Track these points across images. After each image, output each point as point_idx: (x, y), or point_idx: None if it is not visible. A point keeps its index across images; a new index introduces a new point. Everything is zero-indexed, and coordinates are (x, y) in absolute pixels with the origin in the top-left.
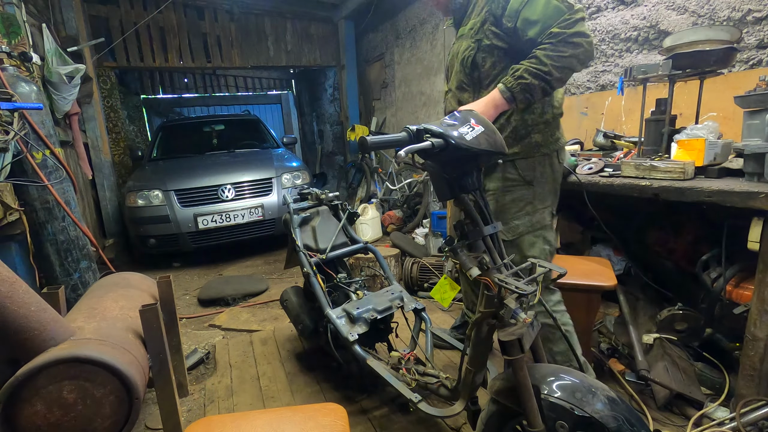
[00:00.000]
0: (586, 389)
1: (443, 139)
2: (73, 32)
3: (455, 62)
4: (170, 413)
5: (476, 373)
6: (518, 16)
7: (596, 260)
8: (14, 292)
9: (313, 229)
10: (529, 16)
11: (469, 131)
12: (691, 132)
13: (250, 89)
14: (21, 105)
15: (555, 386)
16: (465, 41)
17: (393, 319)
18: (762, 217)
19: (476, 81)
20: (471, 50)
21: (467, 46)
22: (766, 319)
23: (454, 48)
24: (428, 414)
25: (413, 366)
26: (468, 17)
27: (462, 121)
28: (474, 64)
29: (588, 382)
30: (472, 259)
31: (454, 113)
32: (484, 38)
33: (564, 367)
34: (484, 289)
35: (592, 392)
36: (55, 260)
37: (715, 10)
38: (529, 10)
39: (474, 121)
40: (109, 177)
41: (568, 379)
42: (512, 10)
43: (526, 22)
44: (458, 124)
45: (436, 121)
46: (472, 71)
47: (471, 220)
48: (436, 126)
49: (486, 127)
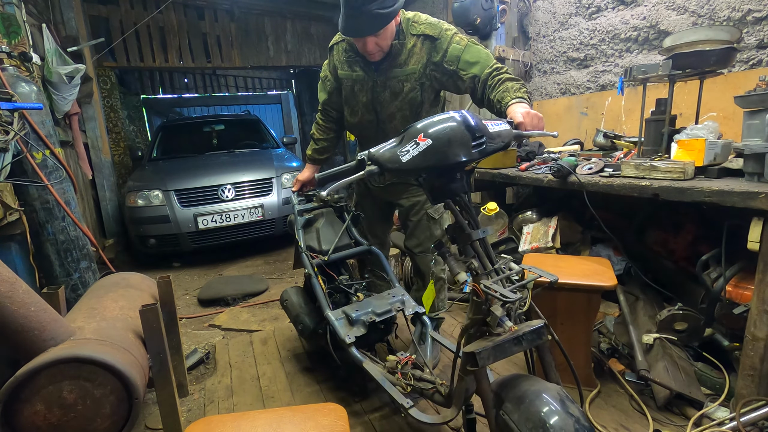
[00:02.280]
0: (549, 421)
1: (377, 164)
2: (73, 32)
3: (390, 99)
4: (170, 413)
5: (467, 379)
6: (459, 60)
7: (596, 260)
8: (14, 292)
9: (317, 230)
10: (469, 59)
11: (411, 149)
12: (691, 132)
13: (250, 89)
14: (21, 105)
15: (516, 407)
16: (406, 83)
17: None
18: (762, 217)
19: (416, 114)
20: (416, 92)
21: (411, 87)
22: (766, 319)
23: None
24: (418, 420)
25: (410, 370)
26: (399, 65)
27: (408, 138)
28: (421, 102)
29: (561, 411)
30: (460, 265)
31: (407, 129)
32: (426, 81)
33: (549, 387)
34: (473, 295)
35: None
36: (55, 260)
37: (715, 10)
38: (468, 54)
39: (423, 135)
40: (109, 177)
41: (537, 404)
42: (453, 56)
43: (466, 63)
44: (402, 143)
45: (388, 142)
46: (419, 107)
47: (458, 225)
48: (376, 150)
49: (436, 140)
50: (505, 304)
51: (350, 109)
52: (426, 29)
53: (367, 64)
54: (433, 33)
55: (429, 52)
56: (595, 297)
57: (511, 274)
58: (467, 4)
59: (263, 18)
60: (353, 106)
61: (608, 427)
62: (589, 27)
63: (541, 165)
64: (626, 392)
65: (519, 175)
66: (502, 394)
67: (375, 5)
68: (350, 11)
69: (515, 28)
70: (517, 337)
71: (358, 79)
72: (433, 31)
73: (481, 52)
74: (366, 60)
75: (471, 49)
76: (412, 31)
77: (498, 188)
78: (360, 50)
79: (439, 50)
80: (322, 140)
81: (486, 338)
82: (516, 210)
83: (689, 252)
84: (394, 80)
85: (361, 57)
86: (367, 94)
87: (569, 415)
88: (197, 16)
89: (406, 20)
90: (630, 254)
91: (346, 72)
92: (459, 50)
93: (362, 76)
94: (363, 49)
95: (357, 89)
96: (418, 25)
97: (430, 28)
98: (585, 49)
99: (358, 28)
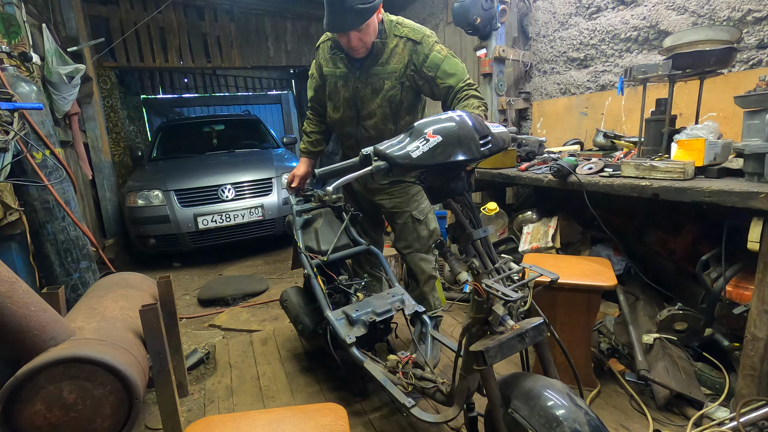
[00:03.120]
0: (559, 414)
1: (386, 160)
2: (73, 32)
3: (371, 96)
4: (170, 413)
5: (469, 378)
6: (438, 68)
7: (596, 260)
8: (14, 292)
9: (316, 230)
10: (447, 69)
11: (421, 145)
12: (691, 132)
13: (250, 89)
14: (21, 105)
15: (525, 404)
16: (387, 81)
17: (393, 320)
18: (762, 217)
19: (396, 113)
20: (396, 90)
21: (392, 85)
22: (766, 319)
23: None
24: (420, 420)
25: (411, 370)
26: (381, 63)
27: (416, 135)
28: (400, 101)
29: (569, 404)
30: (461, 264)
31: (412, 127)
32: (406, 81)
33: (553, 383)
34: (474, 294)
35: (564, 419)
36: (55, 260)
37: (715, 10)
38: (447, 65)
39: (432, 131)
40: (109, 177)
41: (544, 400)
42: (433, 63)
43: (444, 73)
44: (411, 139)
45: (393, 138)
46: (398, 106)
47: (459, 224)
48: (384, 146)
49: (446, 137)
50: (506, 303)
51: (333, 104)
52: (409, 33)
53: (350, 62)
54: (416, 37)
55: (410, 54)
56: (595, 297)
57: (512, 273)
58: (467, 4)
59: (263, 18)
60: (336, 102)
61: (608, 427)
62: (589, 27)
63: (541, 165)
64: (626, 392)
65: (519, 175)
66: (508, 392)
67: (356, 1)
68: (333, 8)
69: (515, 28)
70: (520, 334)
71: (341, 75)
72: (415, 36)
73: (458, 66)
74: (350, 57)
75: (450, 61)
76: (396, 32)
77: (498, 188)
78: (345, 47)
79: (419, 54)
80: (314, 133)
81: (489, 337)
82: (516, 210)
83: (689, 252)
84: (376, 77)
85: (346, 54)
86: (348, 89)
87: (578, 407)
88: (197, 16)
89: (390, 22)
90: (630, 254)
91: (330, 69)
92: (439, 59)
93: (345, 72)
94: (347, 45)
95: (340, 85)
96: (402, 27)
97: (412, 33)
98: (585, 49)
99: (341, 23)
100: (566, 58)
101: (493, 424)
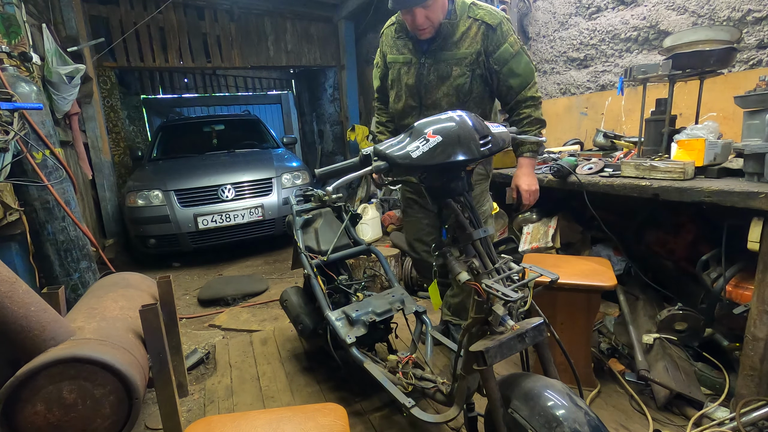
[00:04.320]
0: (559, 414)
1: (386, 160)
2: (73, 32)
3: (437, 84)
4: (170, 413)
5: (469, 378)
6: (505, 64)
7: (596, 260)
8: (14, 292)
9: (316, 230)
10: (515, 68)
11: (420, 145)
12: (691, 132)
13: (250, 89)
14: (21, 105)
15: (525, 404)
16: (455, 68)
17: (393, 320)
18: (762, 217)
19: (463, 104)
20: (465, 78)
21: (461, 72)
22: (766, 319)
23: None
24: (420, 420)
25: (411, 370)
26: (449, 47)
27: (416, 135)
28: (469, 90)
29: (569, 404)
30: (461, 264)
31: (412, 126)
32: (478, 69)
33: (553, 383)
34: (474, 294)
35: (564, 419)
36: (55, 260)
37: (715, 10)
38: (515, 63)
39: (432, 131)
40: (109, 177)
41: (544, 400)
42: (502, 58)
43: (510, 71)
44: (411, 139)
45: (392, 138)
46: (466, 96)
47: (459, 224)
48: (383, 146)
49: (446, 137)
50: (506, 303)
51: (395, 93)
52: (485, 16)
53: (416, 45)
54: (492, 21)
55: (483, 39)
56: (595, 297)
57: (512, 274)
58: None
59: (263, 18)
60: (398, 90)
61: (608, 427)
62: (589, 27)
63: (541, 165)
64: (626, 392)
65: None
66: (508, 392)
67: None
68: None
69: (515, 28)
70: (520, 334)
71: (405, 61)
72: (492, 20)
73: (528, 66)
74: (415, 41)
75: (519, 59)
76: (471, 14)
77: (498, 188)
78: (410, 27)
79: (492, 41)
80: (390, 122)
81: (489, 337)
82: (516, 210)
83: (689, 252)
84: (443, 63)
85: (411, 38)
86: (412, 76)
87: (578, 407)
88: (197, 16)
89: (463, 2)
90: (630, 254)
91: (394, 56)
92: (509, 54)
93: (410, 58)
94: (412, 24)
95: (403, 72)
96: (478, 9)
97: (489, 16)
98: (585, 49)
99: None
100: (566, 58)
101: (493, 424)
